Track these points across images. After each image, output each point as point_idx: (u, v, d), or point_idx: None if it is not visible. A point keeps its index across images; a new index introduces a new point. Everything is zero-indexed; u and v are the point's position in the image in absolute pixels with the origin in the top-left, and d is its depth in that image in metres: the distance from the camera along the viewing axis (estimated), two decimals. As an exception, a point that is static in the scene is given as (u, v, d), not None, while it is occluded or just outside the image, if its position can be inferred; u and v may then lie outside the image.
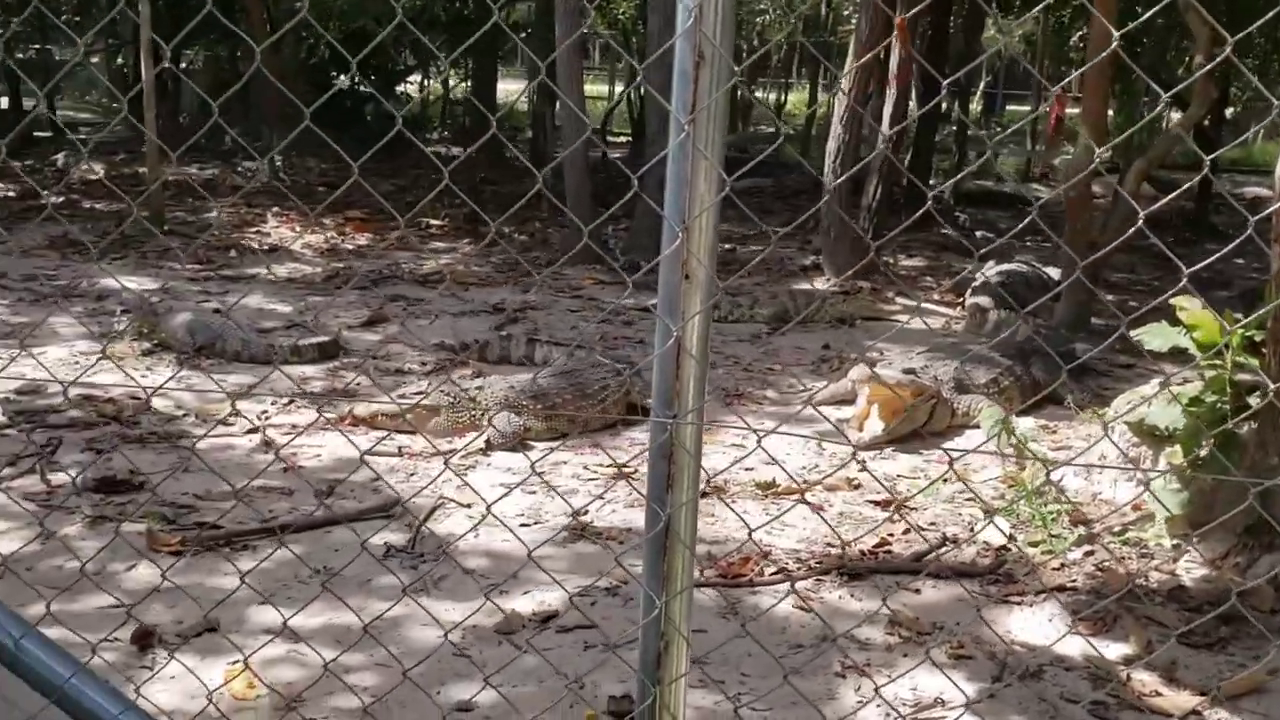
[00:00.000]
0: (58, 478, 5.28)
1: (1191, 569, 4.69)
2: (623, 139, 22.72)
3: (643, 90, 15.31)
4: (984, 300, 9.36)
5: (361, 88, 18.52)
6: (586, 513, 5.13)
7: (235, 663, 3.71)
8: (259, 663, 3.66)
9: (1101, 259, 8.66)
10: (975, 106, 28.55)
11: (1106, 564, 4.71)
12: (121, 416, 6.12)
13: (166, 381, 6.63)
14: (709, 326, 1.69)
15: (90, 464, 5.40)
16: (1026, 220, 1.92)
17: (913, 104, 13.22)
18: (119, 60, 21.34)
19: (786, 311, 9.01)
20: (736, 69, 1.57)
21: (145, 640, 3.82)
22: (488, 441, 5.98)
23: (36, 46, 19.73)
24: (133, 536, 4.58)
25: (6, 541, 4.56)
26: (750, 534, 2.18)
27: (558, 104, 15.29)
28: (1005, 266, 10.07)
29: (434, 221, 13.32)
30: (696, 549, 1.87)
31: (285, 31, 2.13)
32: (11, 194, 13.82)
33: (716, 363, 7.47)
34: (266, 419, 6.22)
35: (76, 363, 7.01)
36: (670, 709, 1.83)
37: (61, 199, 13.64)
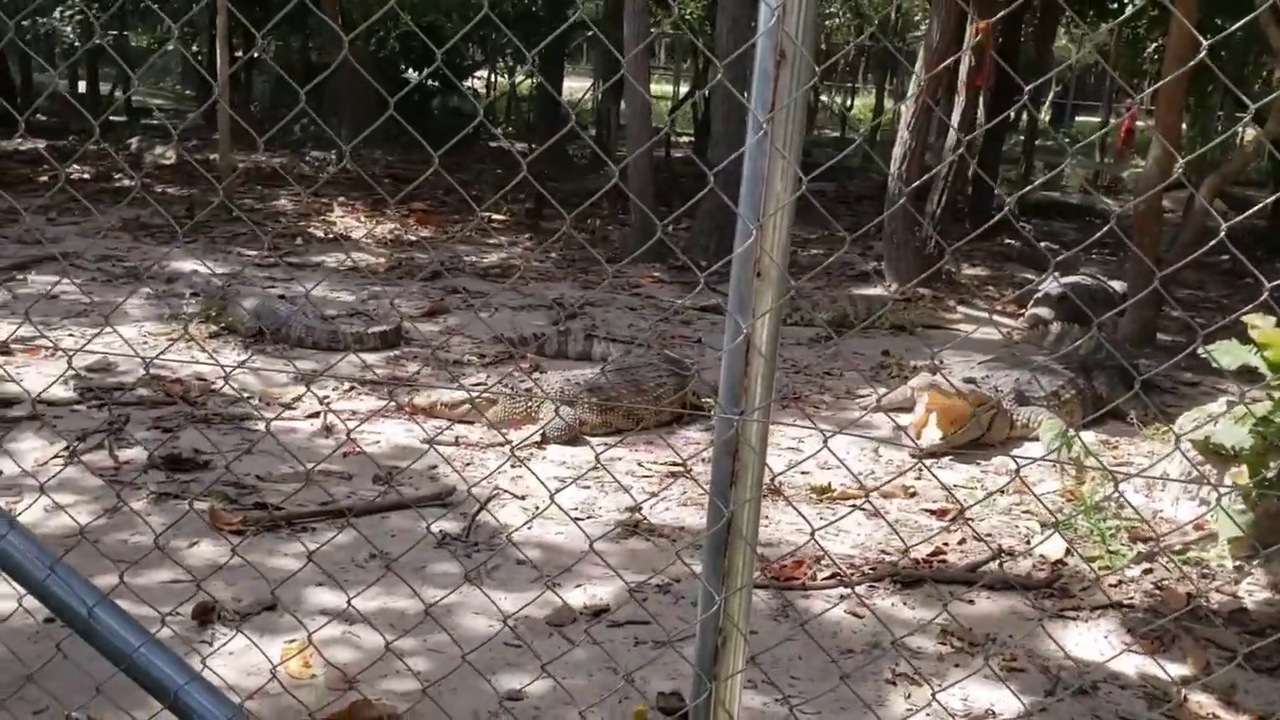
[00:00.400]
0: (125, 454, 5.40)
1: (1254, 591, 4.61)
2: (685, 139, 22.71)
3: (708, 91, 15.31)
4: (1044, 312, 9.26)
5: (431, 82, 18.70)
6: (641, 509, 5.15)
7: (292, 641, 3.78)
8: (306, 647, 3.73)
9: (1170, 274, 8.50)
10: (1044, 117, 28.17)
11: (1166, 582, 4.63)
12: (188, 396, 6.25)
13: (243, 363, 6.75)
14: (779, 325, 1.69)
15: (160, 443, 5.52)
16: (1103, 231, 1.90)
17: (980, 112, 13.07)
18: (194, 47, 21.76)
19: (846, 316, 8.96)
20: (816, 69, 1.57)
21: (206, 615, 3.90)
22: (544, 435, 6.02)
23: (114, 32, 20.18)
24: (196, 514, 4.68)
25: (75, 514, 4.67)
26: (813, 534, 2.18)
27: (622, 102, 15.34)
28: (1070, 279, 9.94)
29: (496, 216, 13.43)
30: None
31: (368, 24, 2.13)
32: (87, 176, 14.14)
33: (774, 365, 7.45)
34: (328, 404, 6.32)
35: (145, 343, 7.16)
36: (725, 705, 1.84)
37: (135, 183, 13.93)
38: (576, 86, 28.69)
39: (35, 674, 3.16)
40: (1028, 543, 5.00)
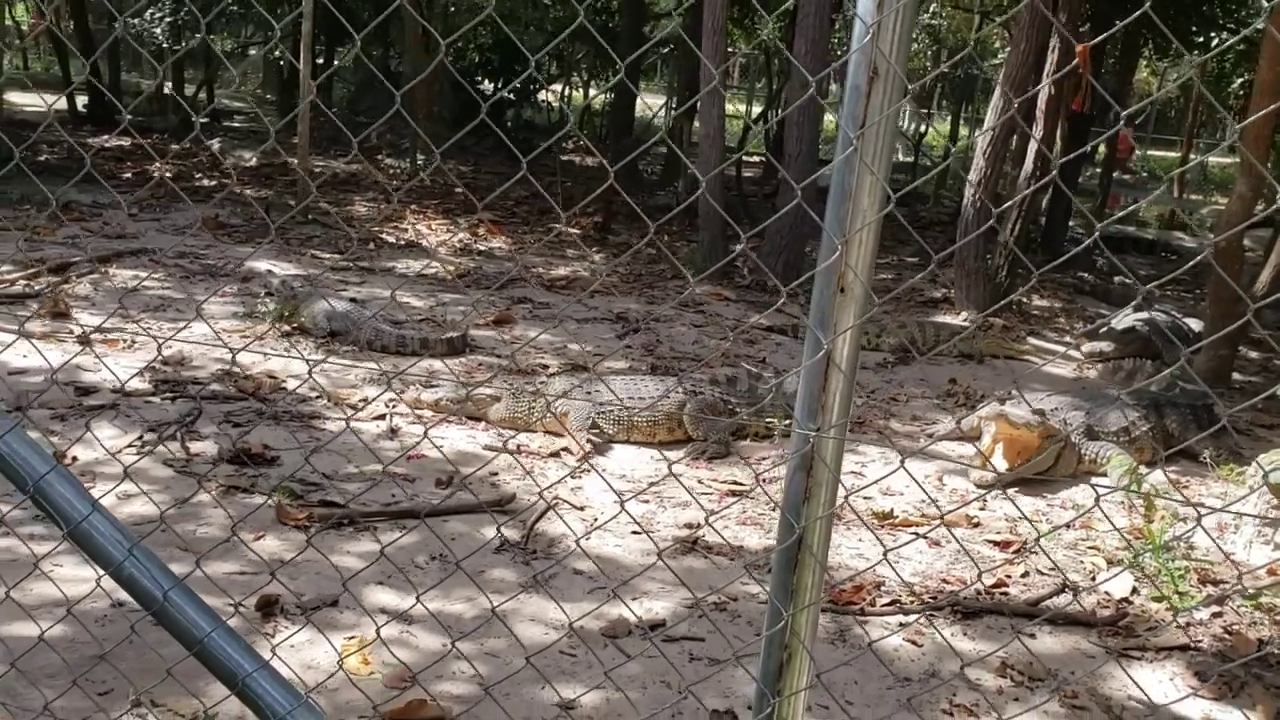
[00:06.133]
0: (196, 446, 5.51)
1: (1328, 641, 4.47)
2: (756, 159, 22.71)
3: (780, 111, 15.30)
4: (1104, 346, 9.10)
5: (506, 94, 18.90)
6: (707, 520, 5.14)
7: (351, 638, 3.82)
8: (372, 641, 3.77)
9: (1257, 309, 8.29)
10: (1135, 152, 27.76)
11: (1236, 627, 4.51)
12: (259, 393, 6.36)
13: (320, 362, 6.86)
14: (859, 342, 1.68)
15: (236, 437, 5.63)
16: (1194, 262, 1.87)
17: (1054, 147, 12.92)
18: (275, 53, 22.23)
19: (914, 341, 8.88)
20: (909, 86, 1.57)
21: (269, 608, 3.95)
22: (590, 443, 6.10)
23: (198, 35, 20.69)
24: (264, 508, 4.77)
25: (145, 503, 4.77)
26: (885, 554, 2.15)
27: (695, 120, 15.38)
28: (1144, 315, 9.75)
29: (566, 229, 13.52)
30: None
31: (459, 34, 2.16)
32: (169, 174, 14.48)
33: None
34: (393, 408, 6.40)
35: (220, 339, 7.30)
36: (787, 722, 1.82)
37: (214, 183, 14.24)
38: (651, 103, 28.80)
39: (106, 655, 3.23)
40: (1093, 579, 4.90)
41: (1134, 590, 4.76)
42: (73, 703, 3.15)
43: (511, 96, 19.53)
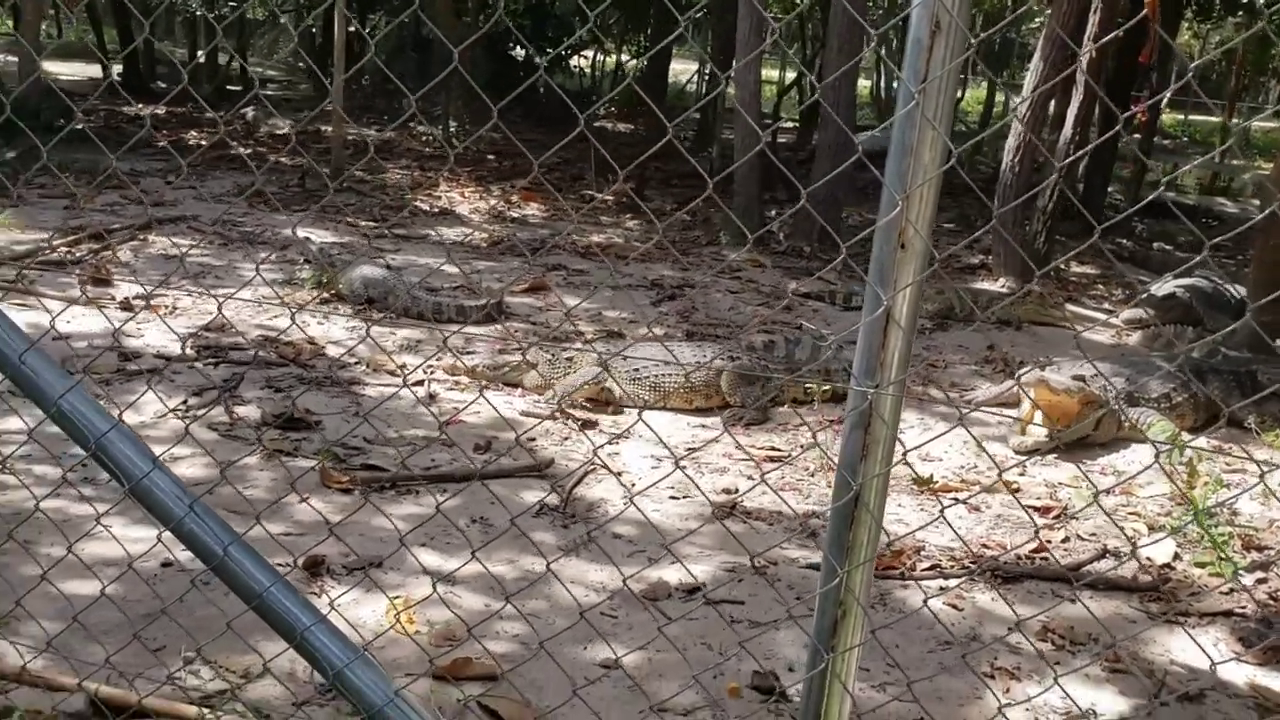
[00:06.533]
0: (239, 411, 5.57)
1: (1374, 609, 4.43)
2: (789, 124, 22.54)
3: (816, 76, 15.18)
4: (1144, 312, 9.00)
5: (538, 59, 18.84)
6: (737, 491, 5.16)
7: (396, 597, 3.87)
8: (419, 601, 3.82)
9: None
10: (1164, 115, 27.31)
11: (1280, 594, 4.49)
12: (299, 359, 6.41)
13: (376, 323, 6.91)
14: (919, 299, 1.68)
15: (285, 404, 5.68)
16: (1249, 224, 1.84)
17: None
18: (308, 20, 22.23)
19: (952, 309, 8.82)
20: (971, 40, 1.55)
21: (315, 568, 4.01)
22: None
23: (232, 4, 20.72)
24: (301, 471, 4.82)
25: (190, 467, 4.84)
26: (942, 512, 2.15)
27: (729, 86, 15.27)
28: (1185, 281, 9.63)
29: (600, 196, 13.49)
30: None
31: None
32: (204, 143, 14.56)
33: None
34: (431, 374, 6.44)
35: (260, 306, 7.36)
36: (841, 677, 1.83)
37: (249, 151, 14.31)
38: (681, 69, 28.63)
39: (166, 609, 3.29)
40: (1134, 545, 4.88)
41: (1176, 556, 4.74)
42: (126, 659, 3.21)
43: (543, 62, 19.45)
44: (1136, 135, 15.98)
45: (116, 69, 20.01)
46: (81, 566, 3.53)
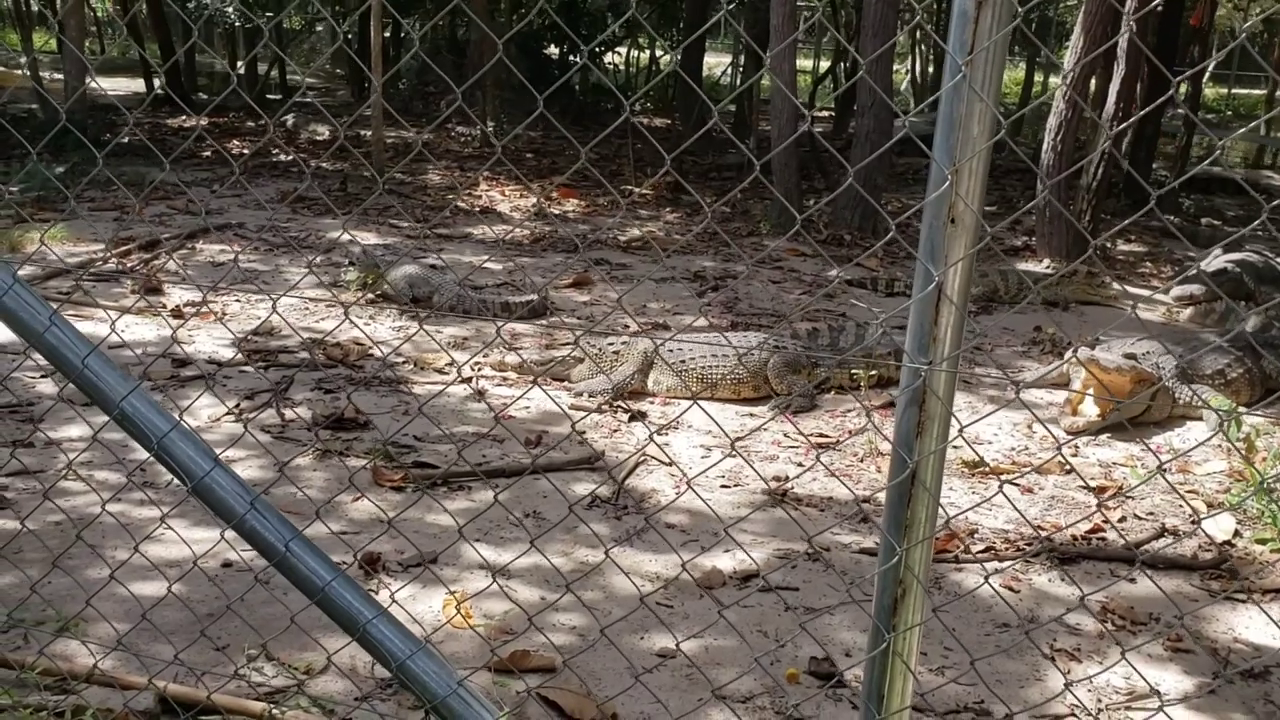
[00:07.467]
0: (290, 413, 5.64)
1: None
2: (825, 113, 22.41)
3: (849, 63, 15.11)
4: (1194, 289, 8.85)
5: (573, 58, 18.87)
6: (787, 479, 5.15)
7: (454, 591, 3.91)
8: (476, 594, 3.85)
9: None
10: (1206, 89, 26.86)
11: (1345, 569, 4.41)
12: (348, 360, 6.48)
13: (420, 328, 6.98)
14: (971, 273, 1.67)
15: (335, 404, 5.75)
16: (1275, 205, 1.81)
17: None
18: (344, 26, 22.42)
19: (996, 291, 8.74)
20: (1019, 9, 1.54)
21: (372, 565, 4.05)
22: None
23: (270, 13, 20.96)
24: (354, 470, 4.87)
25: (245, 469, 4.91)
26: (1001, 486, 2.14)
27: (765, 76, 15.20)
28: (1235, 255, 9.47)
29: (638, 190, 13.50)
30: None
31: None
32: (246, 151, 14.73)
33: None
34: (479, 370, 6.48)
35: (307, 309, 7.45)
36: (903, 656, 1.83)
37: (290, 158, 14.46)
38: (714, 62, 28.55)
39: (231, 605, 3.35)
40: (1193, 523, 4.81)
41: (1236, 533, 4.67)
42: (193, 656, 3.27)
43: (578, 60, 19.50)
44: (1181, 110, 15.74)
45: (158, 82, 20.28)
46: (146, 567, 3.60)
